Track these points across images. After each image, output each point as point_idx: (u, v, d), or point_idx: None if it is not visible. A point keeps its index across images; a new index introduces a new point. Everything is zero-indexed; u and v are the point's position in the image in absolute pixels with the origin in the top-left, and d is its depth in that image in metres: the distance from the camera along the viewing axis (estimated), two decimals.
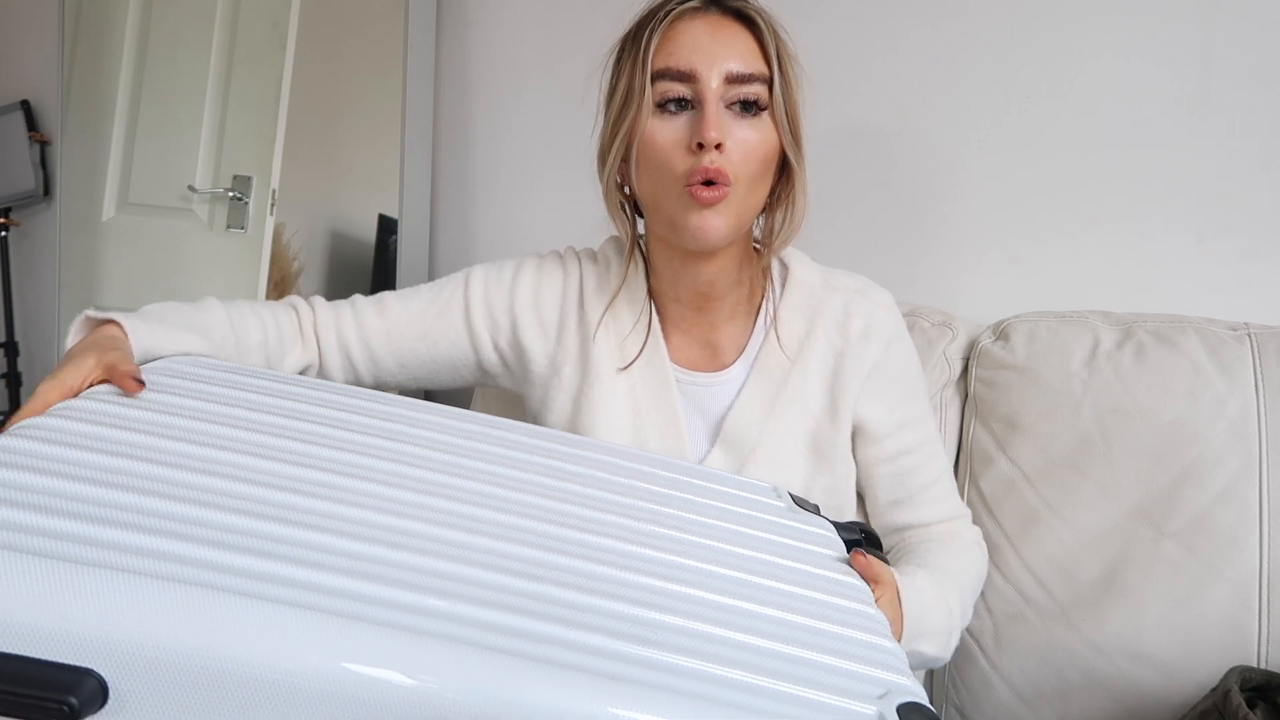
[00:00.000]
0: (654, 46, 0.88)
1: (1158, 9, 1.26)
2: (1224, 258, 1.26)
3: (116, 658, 0.43)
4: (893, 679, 0.59)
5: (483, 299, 1.04)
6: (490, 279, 1.05)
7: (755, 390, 0.98)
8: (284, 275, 1.79)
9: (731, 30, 0.89)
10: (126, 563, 0.46)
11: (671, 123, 0.88)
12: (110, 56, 1.93)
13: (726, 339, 1.00)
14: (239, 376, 0.76)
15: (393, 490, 0.62)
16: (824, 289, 1.00)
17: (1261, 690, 0.95)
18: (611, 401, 0.99)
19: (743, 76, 0.87)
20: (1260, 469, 1.08)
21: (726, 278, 0.97)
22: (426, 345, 1.03)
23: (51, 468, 0.54)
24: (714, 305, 0.98)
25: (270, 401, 0.71)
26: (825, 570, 0.72)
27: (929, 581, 0.93)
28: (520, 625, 0.51)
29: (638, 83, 0.88)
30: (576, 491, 0.71)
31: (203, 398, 0.69)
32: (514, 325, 1.03)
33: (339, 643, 0.46)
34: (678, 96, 0.88)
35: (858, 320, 0.98)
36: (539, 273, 1.05)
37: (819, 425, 0.98)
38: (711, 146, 0.85)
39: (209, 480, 0.57)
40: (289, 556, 0.51)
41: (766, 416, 0.98)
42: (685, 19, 0.89)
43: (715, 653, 0.55)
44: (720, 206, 0.87)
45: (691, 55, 0.87)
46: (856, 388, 0.98)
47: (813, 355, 0.98)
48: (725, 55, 0.87)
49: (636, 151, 0.90)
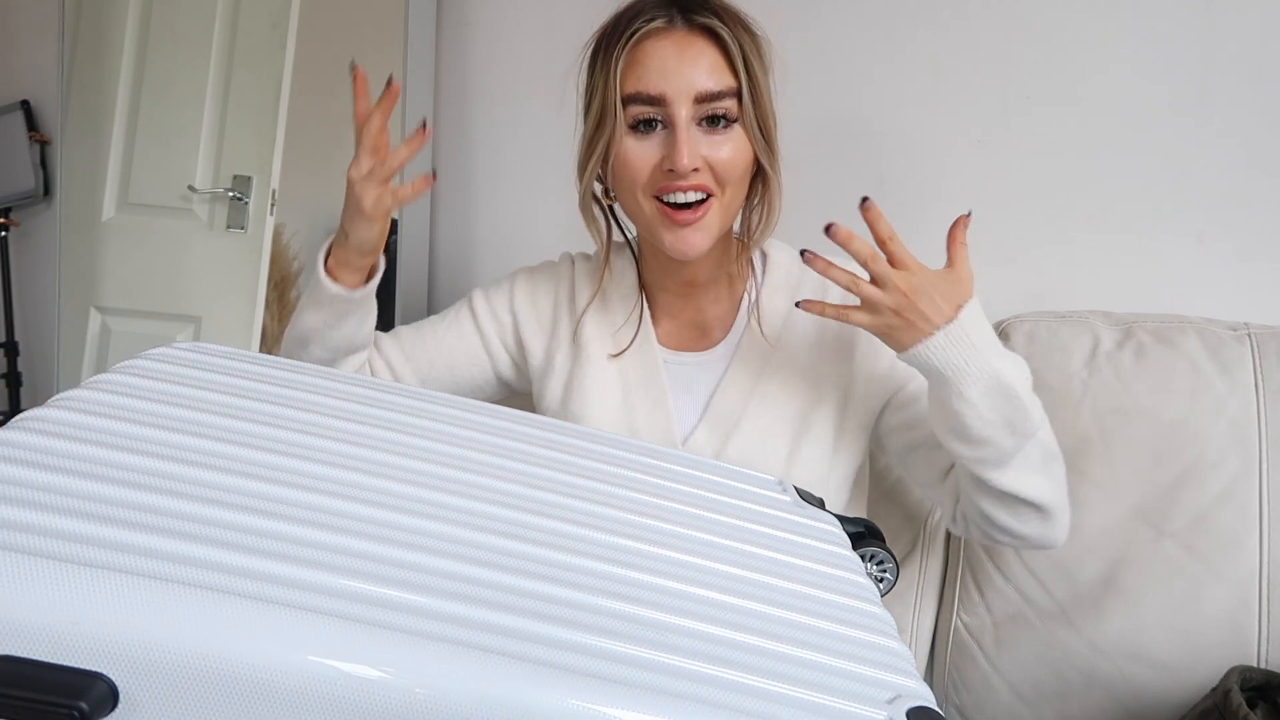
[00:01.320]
0: (621, 69, 0.90)
1: (1157, 9, 1.26)
2: (1224, 258, 1.26)
3: (126, 661, 0.42)
4: (902, 682, 0.58)
5: (486, 305, 1.10)
6: (489, 291, 1.12)
7: (740, 367, 1.01)
8: (284, 275, 1.79)
9: (698, 47, 0.90)
10: (135, 565, 0.46)
11: (644, 142, 0.91)
12: (110, 56, 1.93)
13: (713, 319, 1.04)
14: (240, 364, 0.75)
15: (403, 486, 0.62)
16: (800, 268, 1.01)
17: (1262, 690, 0.95)
18: (602, 384, 1.03)
19: (711, 95, 0.89)
20: (1260, 469, 1.09)
21: (710, 270, 1.01)
22: (450, 374, 1.10)
23: (54, 463, 0.53)
24: (700, 291, 1.03)
25: (273, 391, 0.70)
26: (831, 567, 0.71)
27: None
28: (527, 628, 0.50)
29: (610, 103, 0.90)
30: (576, 484, 0.70)
31: (205, 387, 0.68)
32: (515, 322, 1.09)
33: (350, 646, 0.45)
34: (648, 118, 0.90)
35: (836, 289, 0.98)
36: (532, 277, 1.11)
37: (804, 399, 1.00)
38: (685, 173, 0.88)
39: (215, 476, 0.56)
40: (299, 557, 0.50)
41: (750, 393, 1.00)
42: (651, 39, 0.90)
43: (718, 654, 0.54)
44: (700, 222, 0.91)
45: (659, 79, 0.89)
46: (848, 351, 1.00)
47: (796, 331, 1.01)
48: (693, 75, 0.89)
49: (613, 167, 0.93)
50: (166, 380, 0.68)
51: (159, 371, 0.69)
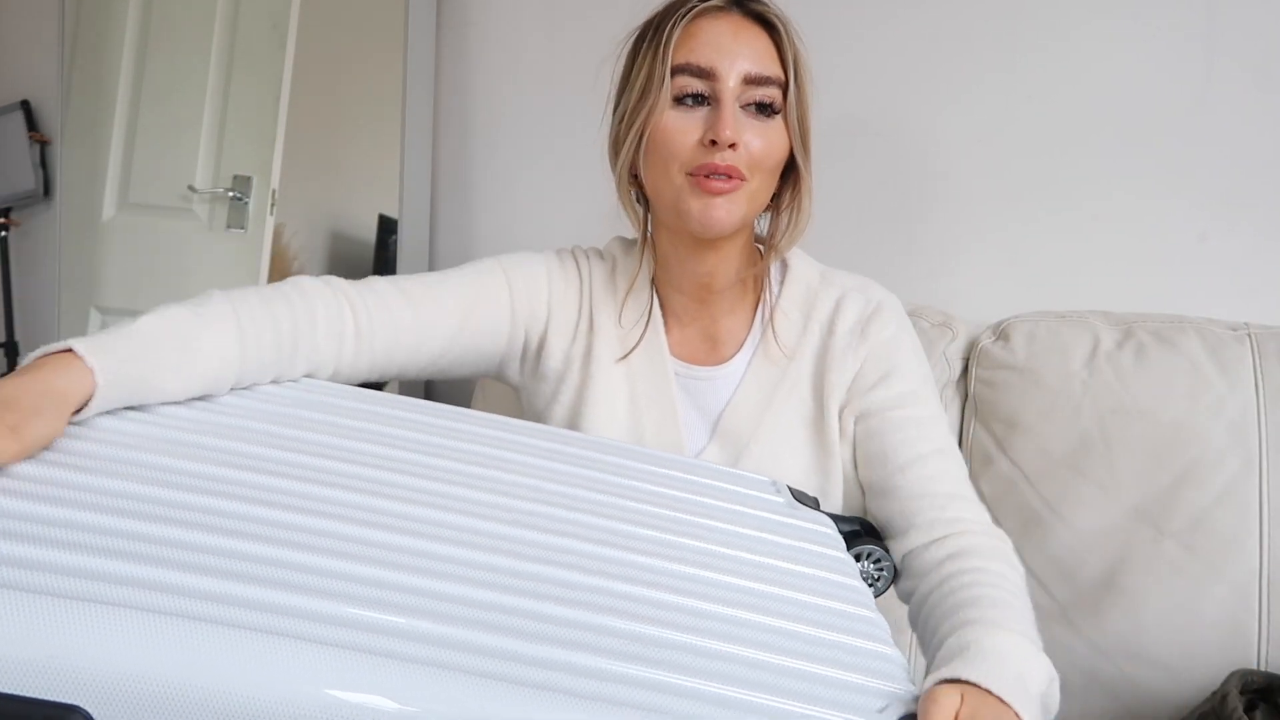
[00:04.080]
0: (675, 40, 0.90)
1: (1159, 9, 1.26)
2: (1225, 258, 1.26)
3: (102, 692, 0.42)
4: (893, 689, 0.58)
5: (526, 290, 1.01)
6: (526, 270, 1.02)
7: (753, 384, 0.99)
8: (284, 275, 1.78)
9: (752, 33, 0.91)
10: (110, 594, 0.45)
11: (687, 116, 0.90)
12: (110, 56, 1.93)
13: (726, 332, 1.01)
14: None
15: (381, 501, 0.61)
16: (821, 284, 1.00)
17: (1263, 693, 0.95)
18: (610, 394, 1.00)
19: (760, 79, 0.90)
20: (1260, 469, 1.08)
21: (728, 271, 0.98)
22: (464, 336, 0.98)
23: (24, 489, 0.52)
24: (715, 297, 0.99)
25: (266, 409, 0.71)
26: (824, 572, 0.70)
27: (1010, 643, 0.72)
28: (507, 647, 0.50)
29: (657, 74, 0.89)
30: (565, 493, 0.70)
31: (195, 407, 0.68)
32: (548, 319, 1.03)
33: (326, 672, 0.45)
34: (695, 92, 0.90)
35: (849, 315, 0.97)
36: (563, 271, 1.04)
37: (814, 419, 0.98)
38: (725, 145, 0.88)
39: (195, 499, 0.55)
40: (274, 580, 0.50)
41: (764, 410, 0.98)
42: (708, 16, 0.91)
43: (715, 670, 0.53)
44: (731, 195, 0.90)
45: (712, 53, 0.89)
46: (843, 387, 0.96)
47: (807, 349, 0.99)
48: (745, 56, 0.89)
49: (648, 141, 0.91)
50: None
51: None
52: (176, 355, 0.70)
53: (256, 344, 0.78)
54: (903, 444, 0.94)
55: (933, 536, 0.88)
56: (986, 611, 0.75)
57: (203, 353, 0.73)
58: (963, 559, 0.84)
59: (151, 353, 0.69)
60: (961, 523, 0.89)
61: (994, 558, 0.85)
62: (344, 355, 0.89)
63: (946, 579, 0.83)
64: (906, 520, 0.91)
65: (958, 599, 0.79)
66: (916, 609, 0.87)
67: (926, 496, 0.90)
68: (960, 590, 0.80)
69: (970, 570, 0.83)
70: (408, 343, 0.94)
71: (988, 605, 0.76)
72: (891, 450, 0.94)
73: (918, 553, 0.89)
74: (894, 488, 0.93)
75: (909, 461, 0.93)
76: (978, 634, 0.71)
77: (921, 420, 0.95)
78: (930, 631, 0.79)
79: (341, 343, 0.88)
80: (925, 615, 0.83)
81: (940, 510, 0.89)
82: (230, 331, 0.76)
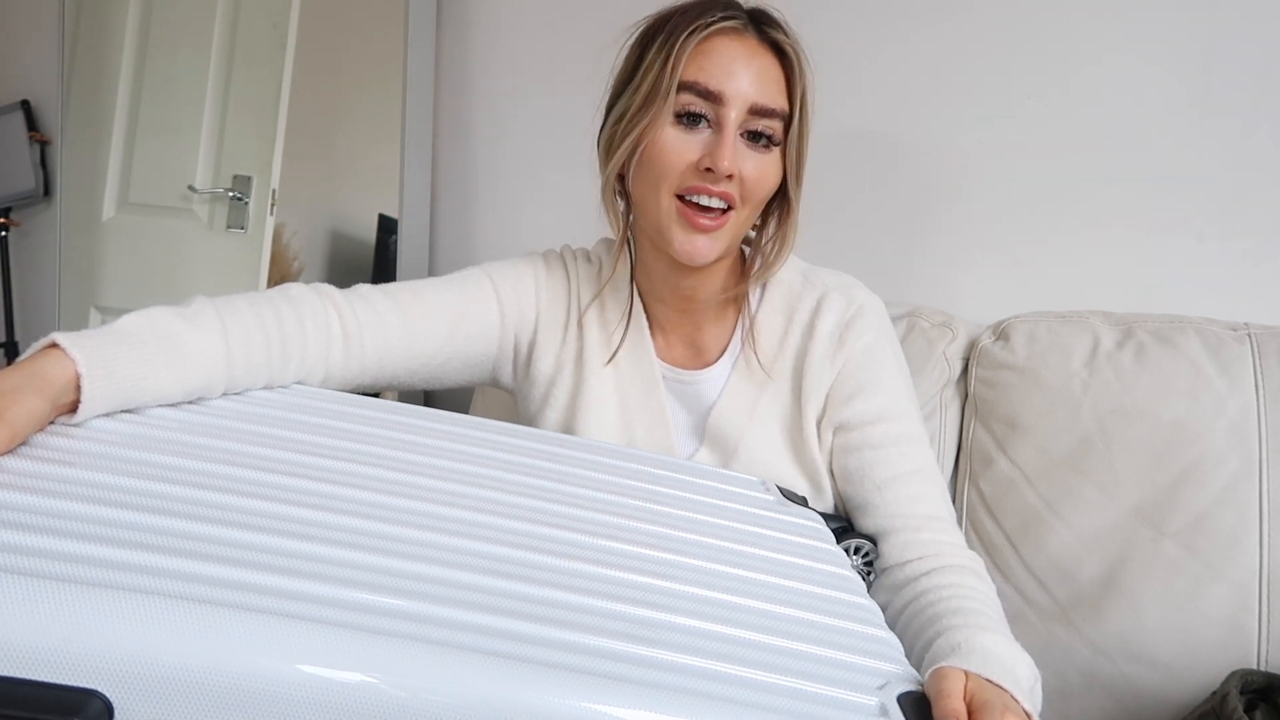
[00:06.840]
0: (687, 54, 0.87)
1: (1159, 9, 1.26)
2: (1224, 258, 1.26)
3: (120, 677, 0.43)
4: (891, 669, 0.59)
5: (514, 295, 1.02)
6: (513, 276, 1.03)
7: (737, 388, 0.99)
8: (284, 275, 1.79)
9: (765, 60, 0.89)
10: (126, 580, 0.46)
11: (686, 136, 0.88)
12: (110, 56, 1.93)
13: (710, 338, 1.01)
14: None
15: (388, 498, 0.62)
16: (802, 285, 0.99)
17: (1264, 693, 0.95)
18: (601, 398, 1.00)
19: (765, 110, 0.88)
20: (1260, 469, 1.08)
21: (711, 289, 0.98)
22: (453, 342, 0.98)
23: (43, 486, 0.53)
24: (697, 308, 0.99)
25: (261, 411, 0.71)
26: (816, 563, 0.72)
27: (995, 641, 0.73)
28: (514, 628, 0.51)
29: (663, 86, 0.87)
30: (565, 492, 0.71)
31: (193, 409, 0.68)
32: (536, 322, 1.04)
33: (344, 655, 0.46)
34: (698, 112, 0.88)
35: (830, 318, 0.96)
36: (550, 275, 1.05)
37: (794, 426, 0.98)
38: (723, 176, 0.87)
39: (203, 494, 0.57)
40: (290, 569, 0.51)
41: (749, 415, 0.98)
42: (724, 36, 0.88)
43: (713, 649, 0.55)
44: (715, 232, 0.89)
45: (722, 77, 0.87)
46: (820, 394, 0.96)
47: (787, 354, 0.98)
48: (754, 85, 0.87)
49: (642, 153, 0.90)
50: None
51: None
52: (164, 354, 0.69)
53: (245, 345, 0.77)
54: (880, 462, 0.94)
55: (907, 558, 0.89)
56: (970, 618, 0.77)
57: (190, 351, 0.72)
58: (938, 575, 0.86)
59: (137, 348, 0.68)
60: (937, 545, 0.90)
61: (968, 574, 0.87)
62: (333, 359, 0.89)
63: (923, 593, 0.84)
64: (882, 539, 0.92)
65: (937, 610, 0.80)
66: (890, 623, 0.86)
67: (902, 517, 0.91)
68: (939, 602, 0.81)
69: (947, 585, 0.84)
70: (398, 347, 0.94)
71: (970, 613, 0.78)
72: (869, 468, 0.94)
73: (892, 571, 0.90)
74: (870, 506, 0.93)
75: (885, 481, 0.93)
76: (966, 634, 0.73)
77: (899, 438, 0.95)
78: (909, 642, 0.80)
79: (330, 346, 0.88)
80: (901, 628, 0.84)
81: (915, 533, 0.90)
82: (216, 331, 0.75)
